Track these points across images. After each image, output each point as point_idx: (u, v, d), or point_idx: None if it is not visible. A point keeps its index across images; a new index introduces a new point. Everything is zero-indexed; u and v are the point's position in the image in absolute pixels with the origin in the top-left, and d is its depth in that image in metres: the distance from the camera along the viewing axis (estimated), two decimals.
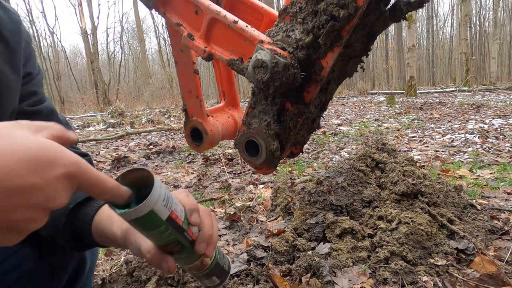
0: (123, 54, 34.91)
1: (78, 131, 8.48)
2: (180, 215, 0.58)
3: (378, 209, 1.78)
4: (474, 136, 4.33)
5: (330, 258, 1.48)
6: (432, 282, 1.32)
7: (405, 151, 3.81)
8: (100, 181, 0.45)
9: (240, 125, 0.93)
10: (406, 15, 0.76)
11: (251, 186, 2.81)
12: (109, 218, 0.68)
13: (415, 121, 6.41)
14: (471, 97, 10.97)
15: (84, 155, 0.86)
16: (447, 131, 5.00)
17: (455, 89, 15.21)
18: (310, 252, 1.54)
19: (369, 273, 1.40)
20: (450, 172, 2.80)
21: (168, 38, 1.11)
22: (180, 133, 6.65)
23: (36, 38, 26.46)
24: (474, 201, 1.98)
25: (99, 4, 29.69)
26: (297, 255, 1.53)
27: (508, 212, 1.88)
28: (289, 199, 2.15)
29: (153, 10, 0.99)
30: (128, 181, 0.53)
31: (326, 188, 1.92)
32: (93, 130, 8.54)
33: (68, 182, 0.42)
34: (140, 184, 0.53)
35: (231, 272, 1.45)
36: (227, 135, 1.20)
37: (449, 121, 6.00)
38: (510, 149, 3.54)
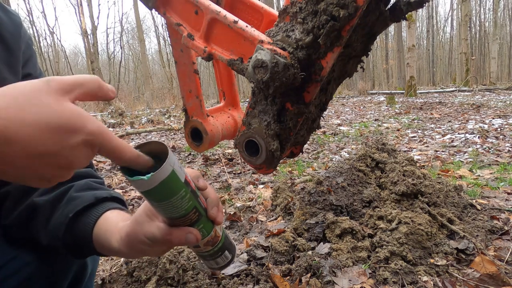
0: (123, 54, 34.92)
1: None
2: (191, 180, 0.59)
3: (378, 209, 1.78)
4: (474, 136, 4.33)
5: (330, 258, 1.48)
6: (432, 282, 1.32)
7: (405, 151, 3.81)
8: (119, 150, 0.48)
9: (240, 125, 0.93)
10: (406, 15, 0.76)
11: (251, 186, 2.81)
12: (108, 230, 0.67)
13: (415, 121, 6.41)
14: (471, 97, 10.97)
15: None
16: (447, 131, 5.00)
17: (455, 89, 15.21)
18: (310, 252, 1.54)
19: (369, 273, 1.40)
20: (450, 172, 2.80)
21: (168, 38, 1.11)
22: (180, 133, 6.65)
23: (36, 38, 26.47)
24: (474, 201, 1.98)
25: (99, 4, 29.67)
26: (297, 255, 1.53)
27: (508, 212, 1.88)
28: (289, 199, 2.15)
29: (153, 10, 0.99)
30: (144, 152, 0.54)
31: (326, 188, 1.92)
32: None
33: (87, 149, 0.46)
34: (152, 156, 0.54)
35: (231, 273, 1.45)
36: (227, 135, 1.20)
37: (449, 121, 6.00)
38: (510, 149, 3.54)
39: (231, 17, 0.81)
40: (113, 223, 0.68)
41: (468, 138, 4.28)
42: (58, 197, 0.73)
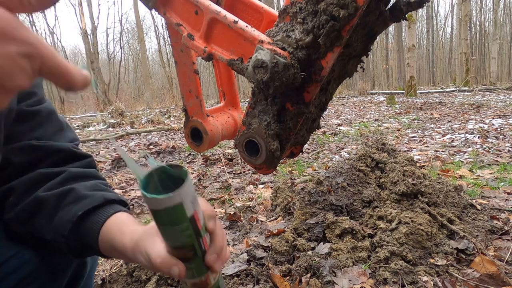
0: (123, 54, 34.94)
1: (78, 131, 8.48)
2: (201, 219, 0.58)
3: (378, 209, 1.78)
4: (474, 136, 4.33)
5: (330, 258, 1.48)
6: (432, 282, 1.32)
7: (405, 151, 3.81)
8: (65, 67, 0.39)
9: (240, 125, 0.93)
10: (406, 15, 0.76)
11: (251, 186, 2.81)
12: (119, 229, 0.67)
13: (415, 121, 6.41)
14: (471, 97, 10.96)
15: (86, 156, 0.86)
16: (447, 131, 5.00)
17: (455, 89, 15.19)
18: (310, 252, 1.54)
19: (369, 273, 1.40)
20: (450, 172, 2.80)
21: (168, 38, 1.11)
22: (180, 133, 6.65)
23: None
24: (474, 201, 1.98)
25: (99, 4, 29.70)
26: (297, 255, 1.53)
27: (508, 212, 1.88)
28: (289, 199, 2.15)
29: (153, 10, 0.99)
30: (160, 176, 0.53)
31: (326, 188, 1.92)
32: (93, 130, 8.54)
33: (25, 61, 0.36)
34: (172, 179, 0.53)
35: (231, 273, 1.45)
36: (227, 135, 1.20)
37: (449, 121, 5.99)
38: (510, 149, 3.54)
39: (231, 17, 0.81)
40: (126, 224, 0.69)
41: (468, 138, 4.28)
42: (64, 193, 0.73)
